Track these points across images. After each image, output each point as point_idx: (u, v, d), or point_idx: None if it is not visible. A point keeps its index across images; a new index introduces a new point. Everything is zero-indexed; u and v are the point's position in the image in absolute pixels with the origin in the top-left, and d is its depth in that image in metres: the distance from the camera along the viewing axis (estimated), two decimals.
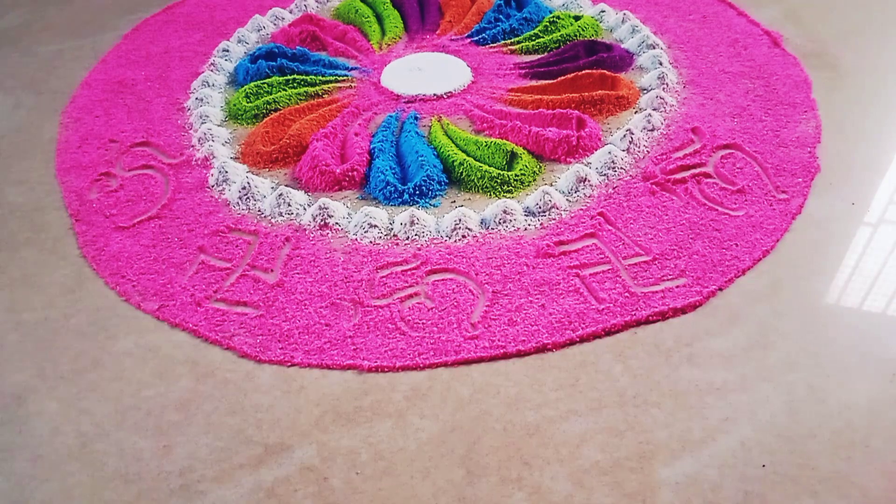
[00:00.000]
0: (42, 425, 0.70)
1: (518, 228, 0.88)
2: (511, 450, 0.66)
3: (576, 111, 1.04)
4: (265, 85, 1.15)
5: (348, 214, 0.91)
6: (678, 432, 0.66)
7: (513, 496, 0.62)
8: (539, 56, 1.22)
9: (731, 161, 0.97)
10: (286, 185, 0.96)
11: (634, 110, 1.08)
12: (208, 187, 0.98)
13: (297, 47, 1.25)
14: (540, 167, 0.99)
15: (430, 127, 1.06)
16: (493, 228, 0.88)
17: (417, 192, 0.94)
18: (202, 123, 1.08)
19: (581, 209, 0.91)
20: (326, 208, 0.90)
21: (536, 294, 0.80)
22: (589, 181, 0.93)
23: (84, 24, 1.41)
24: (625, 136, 1.00)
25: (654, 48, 1.19)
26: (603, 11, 1.32)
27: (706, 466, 0.64)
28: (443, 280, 0.82)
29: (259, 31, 1.33)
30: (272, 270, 0.85)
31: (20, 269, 0.87)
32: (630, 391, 0.70)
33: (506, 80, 1.17)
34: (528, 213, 0.90)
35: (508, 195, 0.94)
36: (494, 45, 1.25)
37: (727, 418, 0.67)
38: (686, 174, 0.95)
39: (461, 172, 0.96)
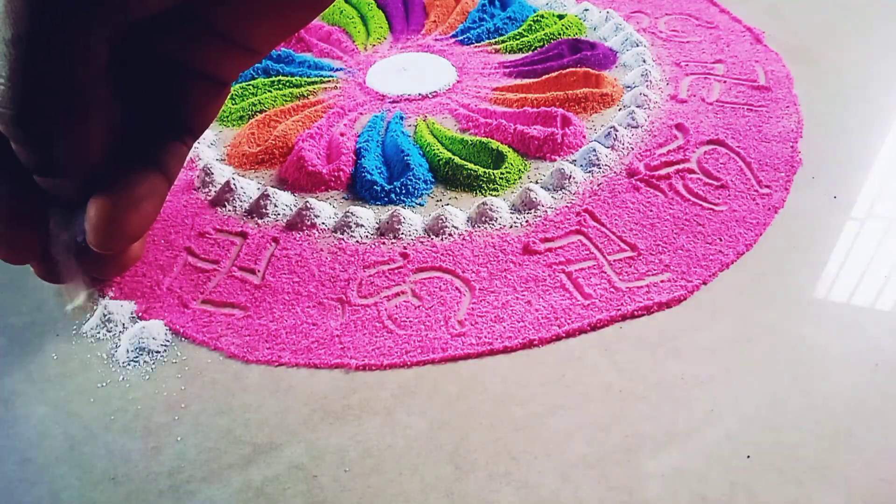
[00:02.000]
0: (30, 429, 0.70)
1: (504, 226, 0.88)
2: (498, 445, 0.66)
3: (560, 109, 1.04)
4: (250, 87, 1.14)
5: (334, 214, 0.91)
6: (664, 425, 0.67)
7: (501, 491, 0.62)
8: (523, 55, 1.22)
9: (715, 156, 0.98)
10: (272, 186, 0.96)
11: (618, 107, 1.09)
12: (194, 189, 0.98)
13: (282, 49, 1.25)
14: (525, 165, 0.99)
15: (416, 126, 1.06)
16: (478, 226, 0.88)
17: (403, 191, 0.94)
18: None
19: (566, 206, 0.91)
20: (312, 208, 0.90)
21: (522, 291, 0.80)
22: (574, 178, 0.94)
23: None
24: (609, 133, 1.00)
25: (637, 45, 1.20)
26: (586, 10, 1.32)
27: (692, 458, 0.64)
28: (429, 278, 0.82)
29: None
30: (258, 271, 0.85)
31: (6, 274, 0.87)
32: (616, 385, 0.70)
33: (490, 79, 1.17)
34: (514, 210, 0.91)
35: (494, 193, 0.94)
36: (479, 44, 1.26)
37: (712, 410, 0.68)
38: (670, 170, 0.95)
39: (447, 171, 0.96)
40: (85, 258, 0.75)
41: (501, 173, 0.95)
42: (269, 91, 1.14)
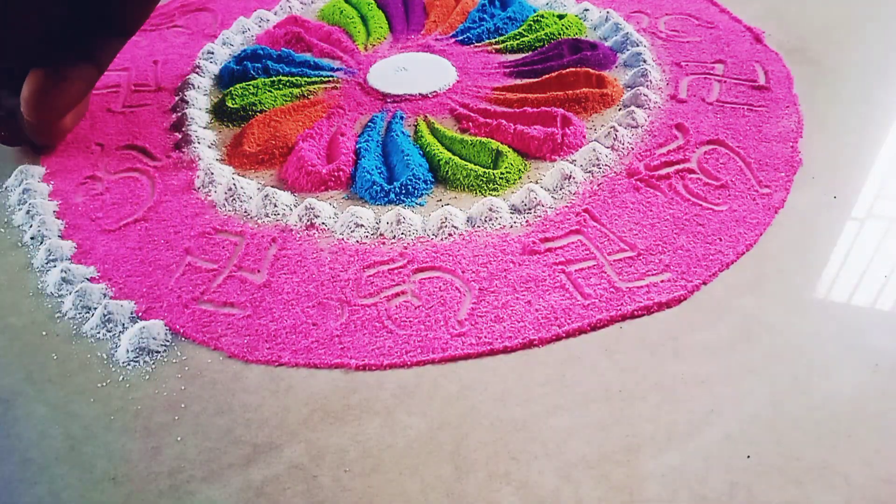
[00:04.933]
0: (30, 429, 0.70)
1: (504, 226, 0.89)
2: (498, 445, 0.66)
3: (560, 109, 1.04)
4: (250, 87, 1.15)
5: (335, 214, 0.92)
6: (664, 425, 0.67)
7: (501, 491, 0.62)
8: (523, 55, 1.23)
9: (715, 156, 0.98)
10: (272, 186, 0.97)
11: (618, 107, 1.09)
12: (194, 189, 0.98)
13: (282, 49, 1.25)
14: (525, 165, 0.99)
15: (416, 126, 1.06)
16: (479, 226, 0.88)
17: (403, 192, 0.94)
18: (188, 126, 1.08)
19: (566, 206, 0.91)
20: (313, 208, 0.90)
21: (522, 291, 0.80)
22: (574, 178, 0.94)
23: None
24: (609, 133, 1.00)
25: (637, 45, 1.20)
26: (586, 10, 1.32)
27: (692, 458, 0.64)
28: (429, 278, 0.82)
29: (244, 33, 1.33)
30: (259, 271, 0.85)
31: (6, 274, 0.87)
32: (616, 385, 0.71)
33: (491, 79, 1.17)
34: (514, 210, 0.91)
35: (494, 193, 0.94)
36: (479, 44, 1.26)
37: (712, 411, 0.68)
38: (670, 170, 0.95)
39: (447, 171, 0.97)
40: (24, 127, 0.89)
41: (501, 173, 0.95)
42: (270, 91, 1.14)
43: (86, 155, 1.05)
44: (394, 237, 0.88)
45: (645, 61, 1.15)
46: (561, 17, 1.28)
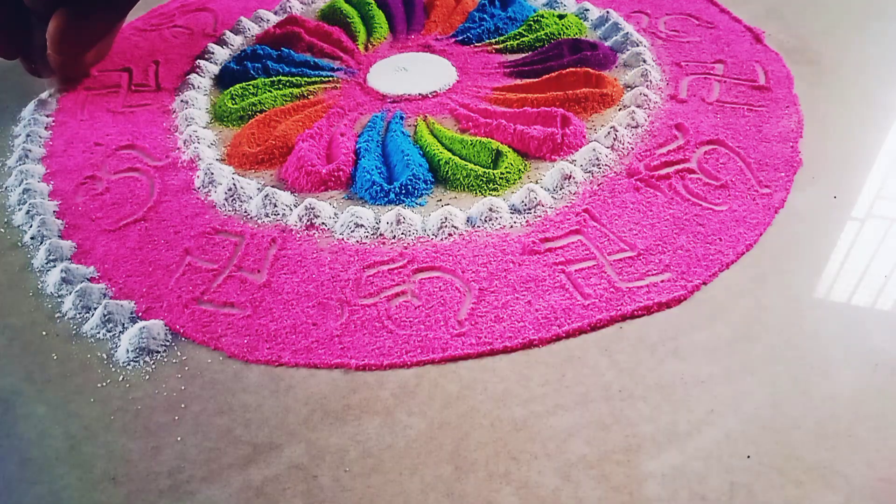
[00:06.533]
0: (30, 429, 0.70)
1: (504, 226, 0.88)
2: (499, 445, 0.66)
3: (560, 109, 1.04)
4: (250, 86, 1.15)
5: (335, 214, 0.91)
6: (664, 425, 0.67)
7: (501, 491, 0.62)
8: (523, 55, 1.23)
9: (715, 156, 0.98)
10: (272, 186, 0.97)
11: (618, 107, 1.09)
12: (194, 189, 0.98)
13: (282, 49, 1.25)
14: (525, 165, 0.99)
15: (416, 126, 1.06)
16: (479, 226, 0.88)
17: (403, 192, 0.94)
18: (187, 126, 1.08)
19: (566, 206, 0.91)
20: (313, 208, 0.90)
21: (522, 291, 0.80)
22: (574, 178, 0.94)
23: None
24: (609, 133, 1.00)
25: (637, 45, 1.20)
26: (587, 10, 1.32)
27: (692, 458, 0.64)
28: (429, 278, 0.82)
29: (244, 32, 1.33)
30: (259, 271, 0.85)
31: (6, 274, 0.87)
32: (616, 385, 0.71)
33: (490, 79, 1.17)
34: (514, 210, 0.91)
35: (494, 193, 0.94)
36: (479, 44, 1.26)
37: (712, 411, 0.68)
38: (670, 170, 0.95)
39: (447, 171, 0.97)
40: (50, 61, 1.04)
41: (501, 173, 0.95)
42: (269, 91, 1.14)
43: (86, 155, 1.05)
44: (394, 237, 0.88)
45: (645, 61, 1.15)
46: (561, 17, 1.28)
